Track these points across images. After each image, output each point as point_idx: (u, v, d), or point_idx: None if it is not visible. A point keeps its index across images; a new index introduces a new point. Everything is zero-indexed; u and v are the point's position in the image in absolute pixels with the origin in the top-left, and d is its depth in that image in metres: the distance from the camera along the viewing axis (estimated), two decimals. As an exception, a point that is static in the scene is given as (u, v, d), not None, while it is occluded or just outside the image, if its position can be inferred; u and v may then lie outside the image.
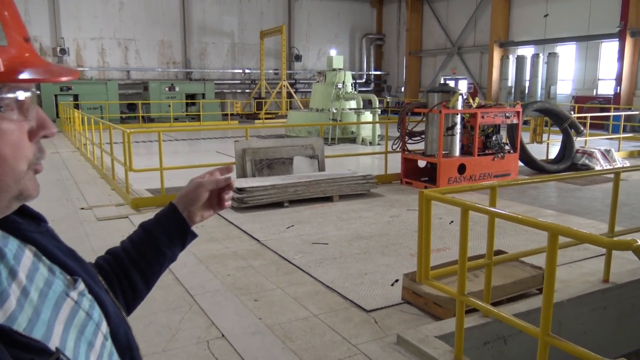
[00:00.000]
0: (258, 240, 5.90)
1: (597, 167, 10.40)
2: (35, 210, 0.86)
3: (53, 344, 0.70)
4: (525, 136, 10.67)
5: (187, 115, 23.92)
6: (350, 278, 4.73)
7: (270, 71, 28.57)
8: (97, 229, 6.44)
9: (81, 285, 0.82)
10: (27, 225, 0.82)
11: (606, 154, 10.91)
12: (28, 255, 0.78)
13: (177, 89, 24.05)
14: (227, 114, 24.20)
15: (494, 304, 3.59)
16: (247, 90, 28.71)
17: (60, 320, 0.74)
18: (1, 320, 0.65)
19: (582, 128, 11.14)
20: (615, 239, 3.43)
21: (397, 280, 4.61)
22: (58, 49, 23.73)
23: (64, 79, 0.71)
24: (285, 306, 4.16)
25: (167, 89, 23.81)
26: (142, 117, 22.21)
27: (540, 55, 21.36)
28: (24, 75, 0.65)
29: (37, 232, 0.83)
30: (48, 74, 0.68)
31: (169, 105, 22.64)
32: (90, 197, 8.18)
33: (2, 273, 0.70)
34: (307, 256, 5.35)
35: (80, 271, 0.85)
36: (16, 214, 0.78)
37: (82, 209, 7.42)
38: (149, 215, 6.99)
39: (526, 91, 21.78)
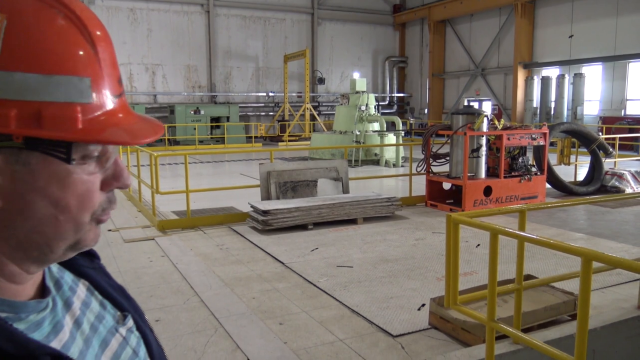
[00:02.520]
0: (283, 263, 5.89)
1: (628, 189, 10.17)
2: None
3: None
4: (552, 158, 10.51)
5: (211, 137, 24.25)
6: (375, 302, 4.67)
7: (294, 94, 28.87)
8: (123, 250, 6.52)
9: (130, 322, 0.84)
10: (82, 261, 0.84)
11: (637, 176, 10.67)
12: (82, 289, 0.80)
13: (202, 112, 24.44)
14: (251, 137, 24.46)
15: (524, 331, 3.50)
16: (271, 113, 29.01)
17: (107, 355, 0.76)
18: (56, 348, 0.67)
19: (610, 149, 10.93)
20: (650, 264, 3.32)
21: (423, 305, 4.54)
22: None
23: (145, 140, 0.68)
24: (311, 330, 4.12)
25: (192, 112, 24.21)
26: (168, 140, 22.59)
27: (566, 75, 21.15)
28: (100, 137, 0.63)
29: (91, 267, 0.85)
30: (129, 135, 0.66)
31: (195, 128, 22.99)
32: (117, 219, 8.30)
33: (58, 303, 0.72)
34: (332, 279, 5.31)
35: (130, 308, 0.87)
36: None
37: (110, 230, 7.53)
38: (174, 237, 7.07)
39: (552, 112, 21.53)
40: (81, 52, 0.63)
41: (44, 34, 0.61)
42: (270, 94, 28.76)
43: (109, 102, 0.66)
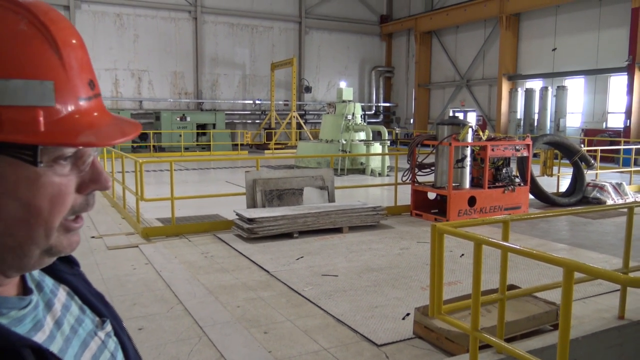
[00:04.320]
0: (268, 272, 5.88)
1: (609, 201, 10.32)
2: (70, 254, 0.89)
3: None
4: (535, 169, 10.64)
5: (197, 144, 24.16)
6: (360, 311, 4.68)
7: (281, 102, 28.90)
8: (107, 257, 6.45)
9: (109, 327, 0.85)
10: (61, 267, 0.85)
11: (617, 188, 10.84)
12: (62, 293, 0.81)
13: (188, 119, 24.36)
14: (237, 144, 24.41)
15: (507, 340, 3.53)
16: (258, 121, 29.00)
17: (87, 356, 0.77)
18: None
19: (592, 161, 11.10)
20: (631, 275, 3.38)
21: (408, 314, 4.56)
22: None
23: (115, 142, 0.68)
24: (295, 339, 4.12)
25: (178, 118, 24.12)
26: (153, 146, 22.45)
27: (549, 88, 21.47)
28: (65, 139, 0.63)
29: (70, 274, 0.86)
30: (97, 137, 0.66)
31: (180, 135, 22.89)
32: (101, 225, 8.22)
33: (40, 304, 0.74)
34: (317, 288, 5.31)
35: (108, 315, 0.88)
36: None
37: (93, 237, 7.45)
38: (158, 244, 7.02)
39: (535, 124, 21.82)
40: (43, 57, 0.63)
41: (3, 38, 0.61)
42: (257, 102, 28.76)
43: (78, 104, 0.66)
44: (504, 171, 9.37)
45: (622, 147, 15.77)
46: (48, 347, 0.69)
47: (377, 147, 16.29)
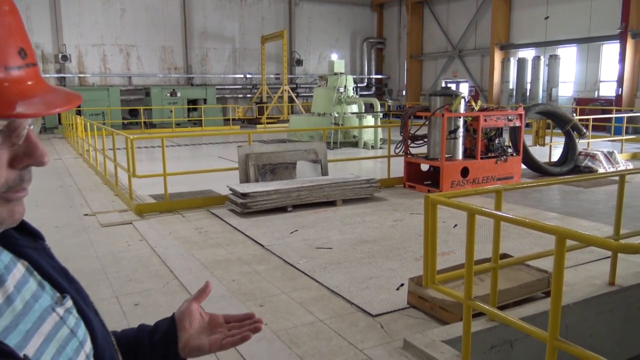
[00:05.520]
0: (262, 246, 5.90)
1: (600, 169, 10.38)
2: (33, 227, 0.86)
3: (26, 354, 0.70)
4: (527, 139, 10.66)
5: (189, 120, 23.97)
6: (355, 282, 4.72)
7: (272, 76, 28.63)
8: (100, 235, 6.44)
9: (69, 303, 0.83)
10: (23, 241, 0.82)
11: (609, 156, 10.90)
12: (19, 269, 0.78)
13: (178, 94, 24.10)
14: (228, 119, 24.23)
15: (500, 308, 3.58)
16: (249, 95, 28.75)
17: (42, 332, 0.75)
18: None
19: (584, 130, 11.13)
20: (622, 242, 3.42)
21: (402, 285, 4.60)
22: (60, 56, 23.82)
23: (57, 110, 0.66)
24: (291, 311, 4.15)
25: (168, 94, 23.86)
26: (144, 122, 22.25)
27: (542, 57, 21.35)
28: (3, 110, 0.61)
29: (32, 248, 0.83)
30: (42, 106, 0.64)
31: (171, 111, 22.68)
32: (94, 203, 8.19)
33: None
34: (312, 261, 5.34)
35: (71, 290, 0.85)
36: (14, 229, 0.78)
37: (86, 215, 7.43)
38: (152, 221, 7.01)
39: (528, 94, 21.76)
40: None
41: None
42: (248, 76, 28.47)
43: (7, 72, 0.63)
44: (496, 141, 9.38)
45: (613, 115, 15.81)
46: None
47: (369, 120, 16.23)
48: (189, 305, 1.12)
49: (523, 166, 9.94)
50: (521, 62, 22.25)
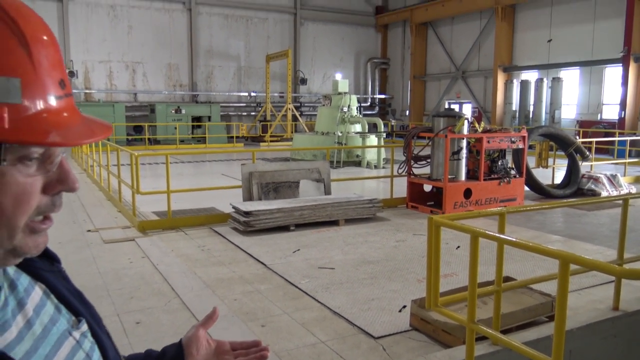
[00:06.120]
0: (264, 265, 5.89)
1: (604, 193, 10.37)
2: (50, 250, 0.87)
3: None
4: (530, 161, 10.67)
5: (192, 137, 24.08)
6: (357, 304, 4.70)
7: (276, 94, 28.83)
8: (103, 251, 6.44)
9: (84, 327, 0.84)
10: (40, 264, 0.83)
11: (612, 179, 10.89)
12: (37, 292, 0.80)
13: (183, 111, 24.26)
14: (232, 137, 24.35)
15: (503, 332, 3.56)
16: (253, 113, 28.92)
17: (60, 357, 0.76)
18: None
19: (587, 153, 11.15)
20: (626, 267, 3.41)
21: (404, 306, 4.58)
22: (67, 72, 24.01)
23: (81, 142, 0.67)
24: (293, 332, 4.13)
25: (173, 111, 24.02)
26: (148, 139, 22.36)
27: (544, 79, 21.50)
28: (29, 138, 0.62)
29: (49, 271, 0.85)
30: (62, 137, 0.65)
31: (175, 128, 22.82)
32: (97, 219, 8.20)
33: (10, 304, 0.72)
34: (314, 281, 5.33)
35: (86, 314, 0.87)
36: None
37: (89, 231, 7.44)
38: (155, 238, 7.01)
39: (530, 115, 21.86)
40: (10, 53, 0.62)
41: None
42: (252, 94, 28.66)
43: (47, 103, 0.65)
44: (499, 163, 9.39)
45: (616, 138, 15.84)
46: (13, 349, 0.68)
47: (372, 140, 16.29)
48: (196, 331, 1.12)
49: (526, 188, 9.93)
50: (524, 84, 22.41)
